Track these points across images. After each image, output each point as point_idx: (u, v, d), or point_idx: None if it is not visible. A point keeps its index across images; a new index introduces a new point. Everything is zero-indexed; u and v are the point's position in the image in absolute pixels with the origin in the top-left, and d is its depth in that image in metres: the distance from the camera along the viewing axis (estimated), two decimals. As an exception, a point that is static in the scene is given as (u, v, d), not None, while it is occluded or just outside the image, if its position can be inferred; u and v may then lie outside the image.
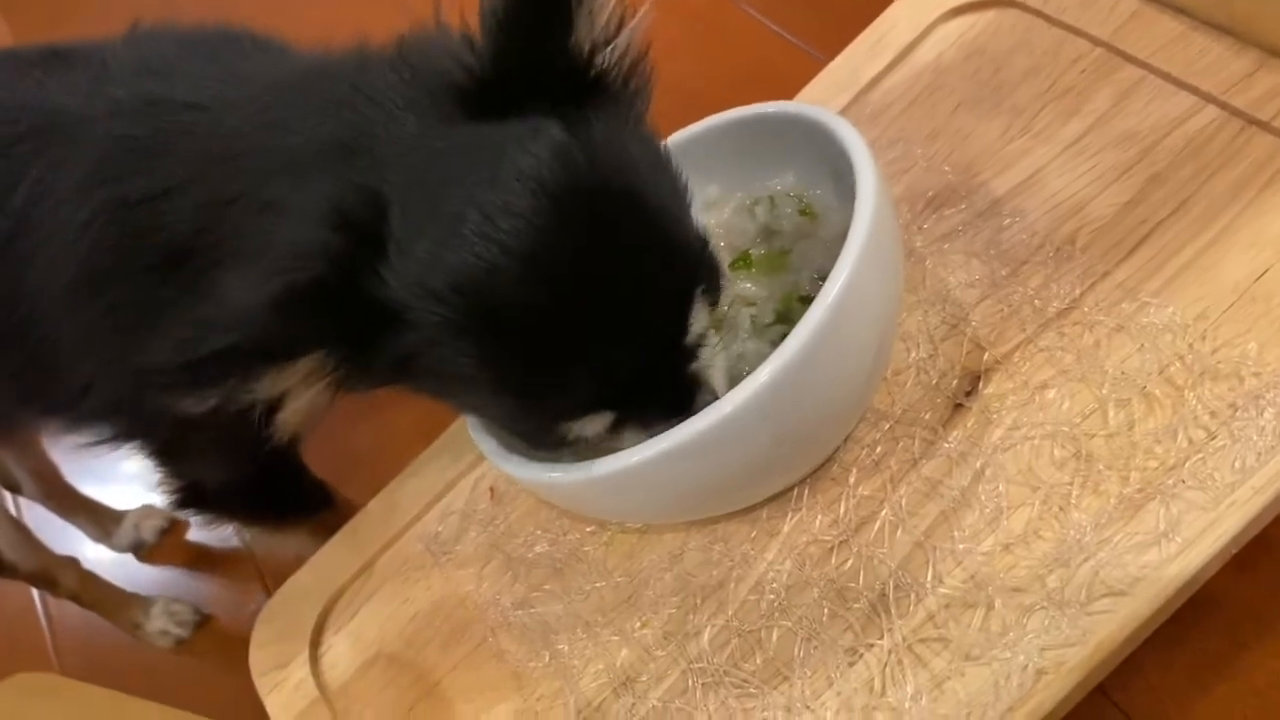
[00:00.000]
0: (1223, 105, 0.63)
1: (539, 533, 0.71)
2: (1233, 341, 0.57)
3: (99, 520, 1.16)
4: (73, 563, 1.06)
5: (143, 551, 1.16)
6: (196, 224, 0.59)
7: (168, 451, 0.77)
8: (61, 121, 0.66)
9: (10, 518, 0.99)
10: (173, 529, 1.17)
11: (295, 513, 0.87)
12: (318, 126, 0.56)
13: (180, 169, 0.60)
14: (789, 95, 0.81)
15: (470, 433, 0.63)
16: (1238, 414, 0.54)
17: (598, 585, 0.67)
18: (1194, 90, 0.65)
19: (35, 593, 1.17)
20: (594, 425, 0.56)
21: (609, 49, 0.55)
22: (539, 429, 0.58)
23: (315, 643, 0.74)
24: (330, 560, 0.78)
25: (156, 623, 1.07)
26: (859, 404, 0.61)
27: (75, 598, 1.06)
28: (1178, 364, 0.57)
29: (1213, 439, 0.54)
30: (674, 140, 0.68)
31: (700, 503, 0.63)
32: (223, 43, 0.68)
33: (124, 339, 0.66)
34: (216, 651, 1.07)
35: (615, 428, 0.56)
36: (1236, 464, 0.53)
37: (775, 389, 0.52)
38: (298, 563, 0.88)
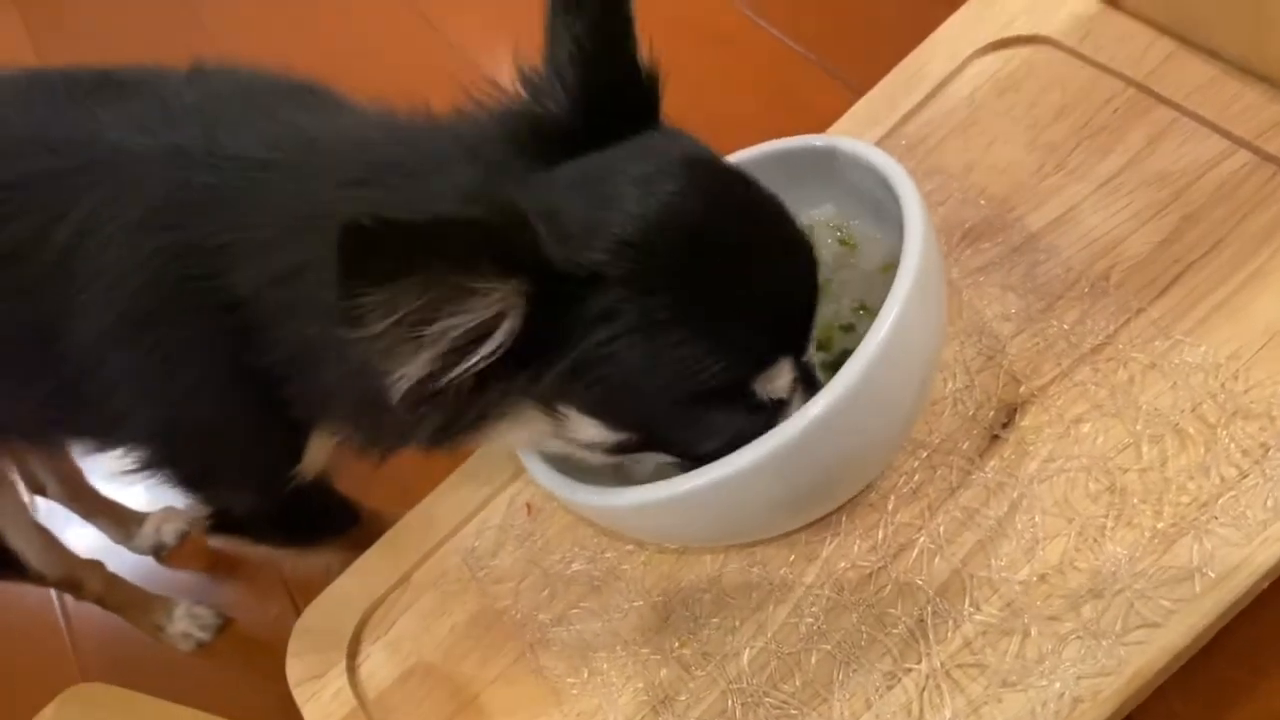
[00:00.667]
0: (1255, 150, 0.65)
1: (576, 550, 0.72)
2: (1264, 382, 0.58)
3: (121, 522, 1.16)
4: (98, 566, 1.07)
5: (164, 554, 1.17)
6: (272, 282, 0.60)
7: (197, 481, 0.79)
8: (118, 160, 0.66)
9: (36, 525, 0.99)
10: (192, 533, 1.17)
11: (324, 535, 0.89)
12: (412, 187, 0.57)
13: (252, 226, 0.61)
14: (821, 124, 0.82)
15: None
16: (1270, 453, 0.56)
17: (636, 604, 0.68)
18: (1226, 134, 0.66)
19: (54, 594, 1.17)
20: (781, 378, 0.56)
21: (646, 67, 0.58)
22: (727, 388, 0.56)
23: (352, 653, 0.76)
24: (367, 571, 0.79)
25: (179, 625, 1.08)
26: (901, 436, 0.63)
27: (100, 601, 1.06)
28: (1210, 402, 0.59)
29: (1244, 477, 0.56)
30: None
31: (739, 530, 0.64)
32: (286, 95, 0.68)
33: (166, 375, 0.68)
34: (236, 654, 1.09)
35: (792, 388, 0.57)
36: (1269, 502, 0.55)
37: (824, 423, 0.53)
38: (325, 573, 0.90)
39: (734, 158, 0.70)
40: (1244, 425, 0.58)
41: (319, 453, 0.74)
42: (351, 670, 0.75)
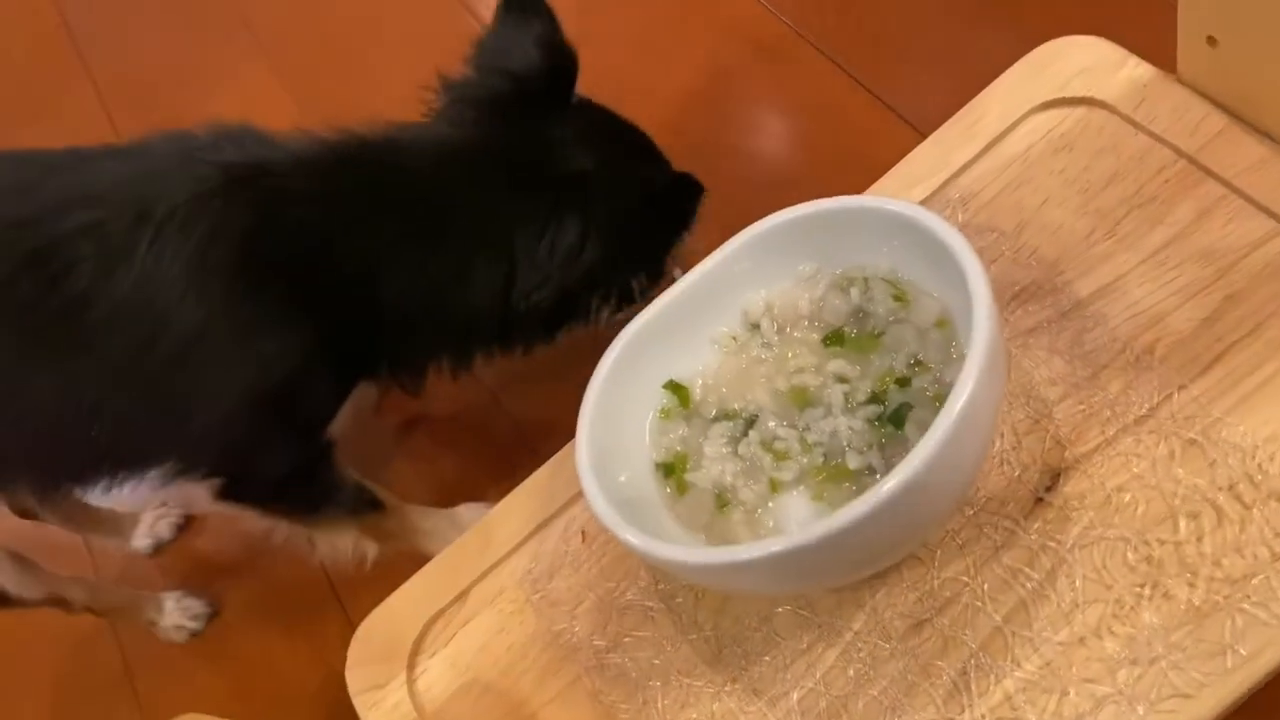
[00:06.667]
0: (1299, 235, 0.68)
1: (630, 580, 0.76)
2: (1299, 466, 0.62)
3: (117, 528, 1.20)
4: (79, 580, 1.11)
5: (162, 549, 1.21)
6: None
7: (250, 447, 0.86)
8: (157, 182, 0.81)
9: (10, 553, 1.01)
10: (187, 526, 1.22)
11: (331, 505, 0.94)
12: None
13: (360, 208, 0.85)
14: (865, 144, 0.85)
15: (582, 480, 0.67)
16: (1302, 538, 0.60)
17: (690, 637, 0.72)
18: (1273, 215, 0.69)
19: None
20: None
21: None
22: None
23: (411, 665, 0.79)
24: (425, 586, 0.82)
25: (170, 618, 1.12)
26: (961, 503, 0.66)
27: (89, 610, 1.10)
28: (1246, 482, 0.63)
29: (1277, 560, 0.60)
30: (775, 220, 0.72)
31: (796, 589, 0.69)
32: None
33: (263, 336, 0.81)
34: (225, 643, 1.13)
35: None
36: (1299, 586, 0.59)
37: (894, 499, 0.56)
38: (360, 560, 0.95)
39: (797, 210, 0.72)
40: (1278, 508, 0.61)
41: (349, 407, 0.91)
42: (411, 682, 0.79)
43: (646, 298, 0.90)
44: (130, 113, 1.60)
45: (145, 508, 1.20)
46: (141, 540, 1.19)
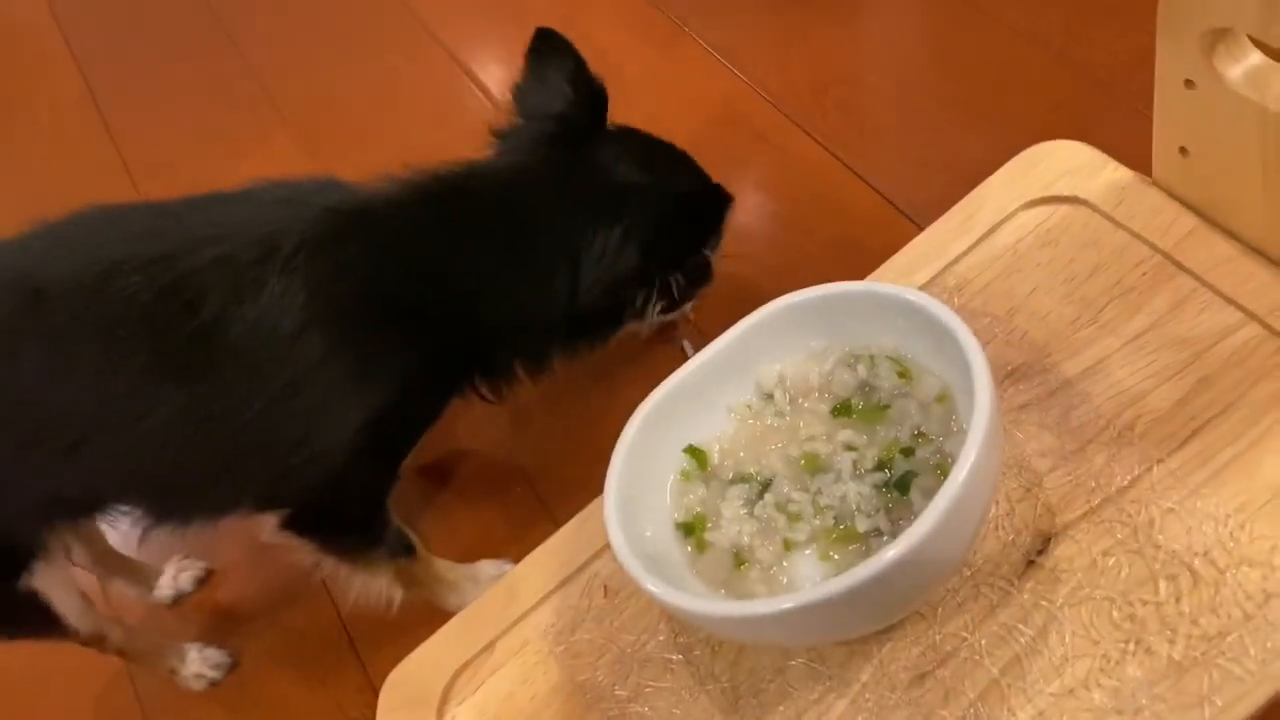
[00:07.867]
0: (1265, 325, 0.75)
1: (650, 633, 0.81)
2: (1267, 535, 0.68)
3: (142, 577, 1.25)
4: (119, 622, 1.15)
5: (183, 600, 1.26)
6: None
7: (342, 471, 0.92)
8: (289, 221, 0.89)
9: (76, 589, 1.06)
10: (207, 579, 1.27)
11: (380, 547, 0.99)
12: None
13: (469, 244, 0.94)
14: (881, 249, 0.92)
15: (609, 533, 0.72)
16: (1270, 600, 0.66)
17: (707, 688, 0.77)
18: (1240, 307, 0.77)
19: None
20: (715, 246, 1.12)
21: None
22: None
23: (441, 712, 0.84)
24: (453, 637, 0.87)
25: (192, 667, 1.16)
26: (961, 565, 0.72)
27: (121, 653, 1.15)
28: (1219, 549, 0.69)
29: (1249, 619, 0.66)
30: (789, 299, 0.79)
31: (808, 641, 0.74)
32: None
33: (359, 374, 0.88)
34: (244, 693, 1.16)
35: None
36: (1269, 644, 0.65)
37: (900, 562, 0.62)
38: (386, 604, 1.02)
39: (810, 292, 0.79)
40: (1248, 572, 0.68)
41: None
42: (441, 728, 0.83)
43: (688, 298, 1.05)
44: (155, 181, 1.67)
45: (168, 560, 1.24)
46: (164, 591, 1.23)
